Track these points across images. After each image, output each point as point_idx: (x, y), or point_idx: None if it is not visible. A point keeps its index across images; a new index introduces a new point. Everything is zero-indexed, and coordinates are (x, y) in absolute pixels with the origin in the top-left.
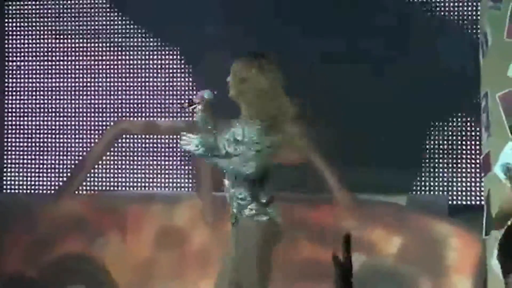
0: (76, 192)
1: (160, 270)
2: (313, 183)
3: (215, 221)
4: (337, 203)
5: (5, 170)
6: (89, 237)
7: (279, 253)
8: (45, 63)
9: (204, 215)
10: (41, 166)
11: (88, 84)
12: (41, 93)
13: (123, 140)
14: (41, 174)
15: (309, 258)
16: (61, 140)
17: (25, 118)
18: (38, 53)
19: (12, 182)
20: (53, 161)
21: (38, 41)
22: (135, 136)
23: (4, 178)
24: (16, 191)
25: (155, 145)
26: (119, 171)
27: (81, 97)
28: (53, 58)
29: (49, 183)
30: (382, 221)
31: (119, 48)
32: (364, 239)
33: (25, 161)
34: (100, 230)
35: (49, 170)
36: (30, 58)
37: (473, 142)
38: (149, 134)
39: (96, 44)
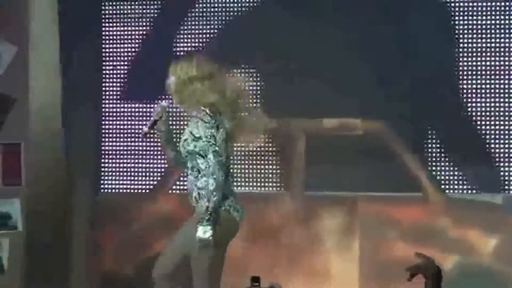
0: (170, 191)
1: (252, 268)
2: (403, 182)
3: (306, 220)
4: (430, 202)
5: (102, 171)
6: None
7: (370, 253)
8: None
9: (295, 214)
10: (136, 167)
11: None
12: None
13: None
14: (137, 175)
15: (403, 258)
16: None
17: (121, 121)
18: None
19: (110, 183)
20: (148, 162)
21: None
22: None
23: (102, 179)
24: (113, 191)
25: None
26: None
27: None
28: None
29: (144, 183)
30: (477, 220)
31: None
32: (458, 239)
33: (121, 162)
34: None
35: (144, 171)
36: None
37: None
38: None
39: None
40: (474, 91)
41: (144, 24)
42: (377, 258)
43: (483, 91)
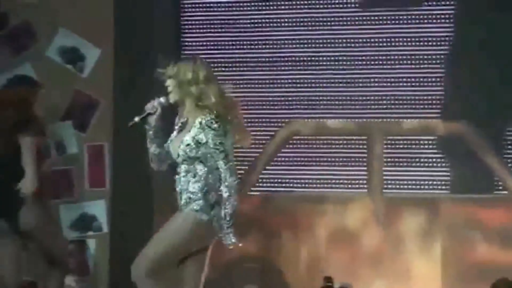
0: (249, 193)
1: (332, 270)
2: (487, 182)
3: (387, 222)
4: None
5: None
6: (262, 238)
7: (452, 255)
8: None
9: (375, 216)
10: None
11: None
12: None
13: (294, 141)
14: None
15: (486, 260)
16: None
17: None
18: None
19: None
20: None
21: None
22: (307, 137)
23: None
24: None
25: (326, 146)
26: (291, 172)
27: (252, 100)
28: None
29: None
30: None
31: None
32: None
33: None
34: (273, 231)
35: None
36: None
37: None
38: (320, 135)
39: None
40: None
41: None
42: (460, 260)
43: None
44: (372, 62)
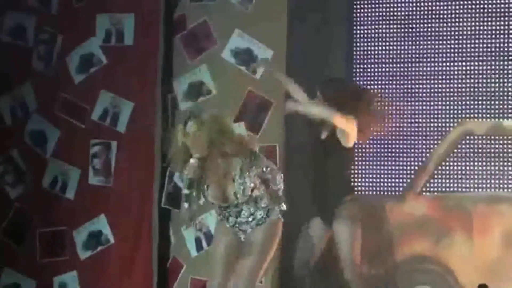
0: (421, 193)
1: (507, 272)
2: None
3: None
4: None
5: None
6: (434, 238)
7: None
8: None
9: None
10: (387, 167)
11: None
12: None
13: (468, 141)
14: (387, 176)
15: None
16: (406, 142)
17: None
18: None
19: (360, 184)
20: (398, 163)
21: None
22: (480, 137)
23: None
24: (363, 192)
25: (501, 146)
26: (464, 172)
27: (424, 98)
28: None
29: (395, 184)
30: None
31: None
32: None
33: (372, 163)
34: (446, 231)
35: (394, 172)
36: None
37: None
38: (495, 135)
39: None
40: None
41: None
42: None
43: None
44: None
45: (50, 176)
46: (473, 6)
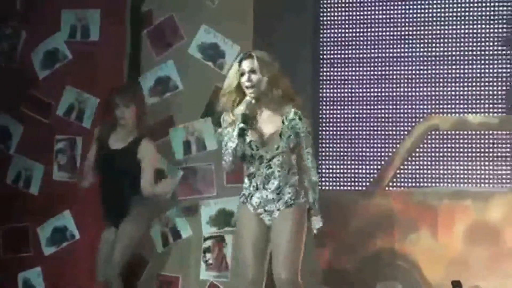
0: (387, 188)
1: (472, 267)
2: None
3: None
4: None
5: (319, 167)
6: (401, 233)
7: None
8: (357, 52)
9: None
10: (352, 162)
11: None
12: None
13: (433, 136)
14: (352, 171)
15: None
16: (370, 137)
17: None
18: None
19: (326, 179)
20: (363, 158)
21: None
22: (446, 132)
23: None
24: (329, 188)
25: (466, 142)
26: (429, 167)
27: (387, 90)
28: (365, 47)
29: (360, 179)
30: None
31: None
32: None
33: (337, 157)
34: (412, 226)
35: (360, 167)
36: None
37: None
38: (460, 130)
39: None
40: None
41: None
42: None
43: None
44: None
45: (13, 172)
46: (434, 12)
